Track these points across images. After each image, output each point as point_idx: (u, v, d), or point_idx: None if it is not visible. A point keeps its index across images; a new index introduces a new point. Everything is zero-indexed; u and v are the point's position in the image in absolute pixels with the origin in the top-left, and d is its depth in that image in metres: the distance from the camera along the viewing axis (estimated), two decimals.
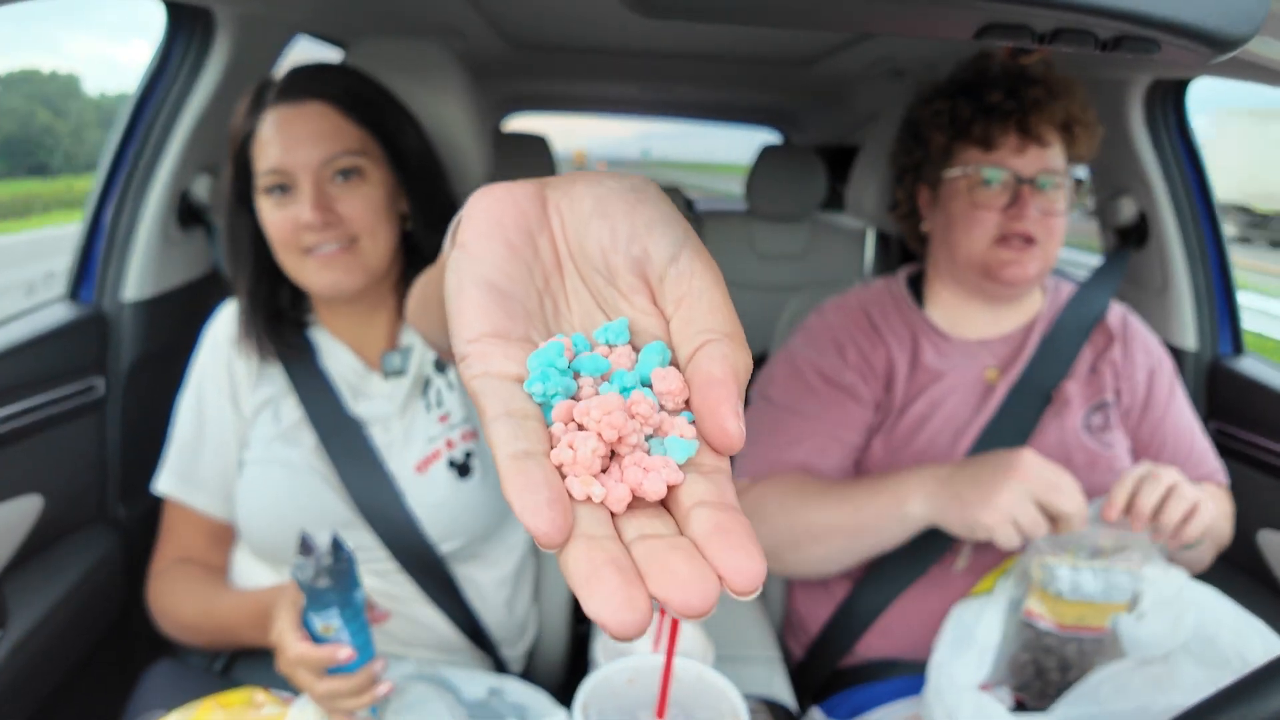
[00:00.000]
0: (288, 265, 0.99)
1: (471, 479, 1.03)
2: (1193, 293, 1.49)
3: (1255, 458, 1.39)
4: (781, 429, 1.12)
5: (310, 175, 0.94)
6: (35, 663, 1.12)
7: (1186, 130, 1.48)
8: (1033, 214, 1.06)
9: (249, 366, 1.05)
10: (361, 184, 0.97)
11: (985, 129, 1.08)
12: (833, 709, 1.12)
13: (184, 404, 1.08)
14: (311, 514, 0.99)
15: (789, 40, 1.99)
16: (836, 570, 1.06)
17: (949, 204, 1.12)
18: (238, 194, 1.00)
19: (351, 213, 0.96)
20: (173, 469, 1.06)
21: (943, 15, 0.63)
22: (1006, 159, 1.07)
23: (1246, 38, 0.50)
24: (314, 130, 0.95)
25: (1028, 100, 1.06)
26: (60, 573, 1.20)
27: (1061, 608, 0.91)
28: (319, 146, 0.95)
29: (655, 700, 0.64)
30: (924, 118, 1.15)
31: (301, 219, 0.93)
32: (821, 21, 0.74)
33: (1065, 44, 0.60)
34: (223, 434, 1.05)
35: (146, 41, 1.32)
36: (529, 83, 2.96)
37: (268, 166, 0.95)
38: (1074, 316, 1.16)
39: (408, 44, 1.19)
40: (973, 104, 1.09)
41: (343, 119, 0.97)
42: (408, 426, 1.04)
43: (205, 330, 1.10)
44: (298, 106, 0.95)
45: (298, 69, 0.99)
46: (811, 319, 1.20)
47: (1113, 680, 0.92)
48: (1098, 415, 1.12)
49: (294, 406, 1.03)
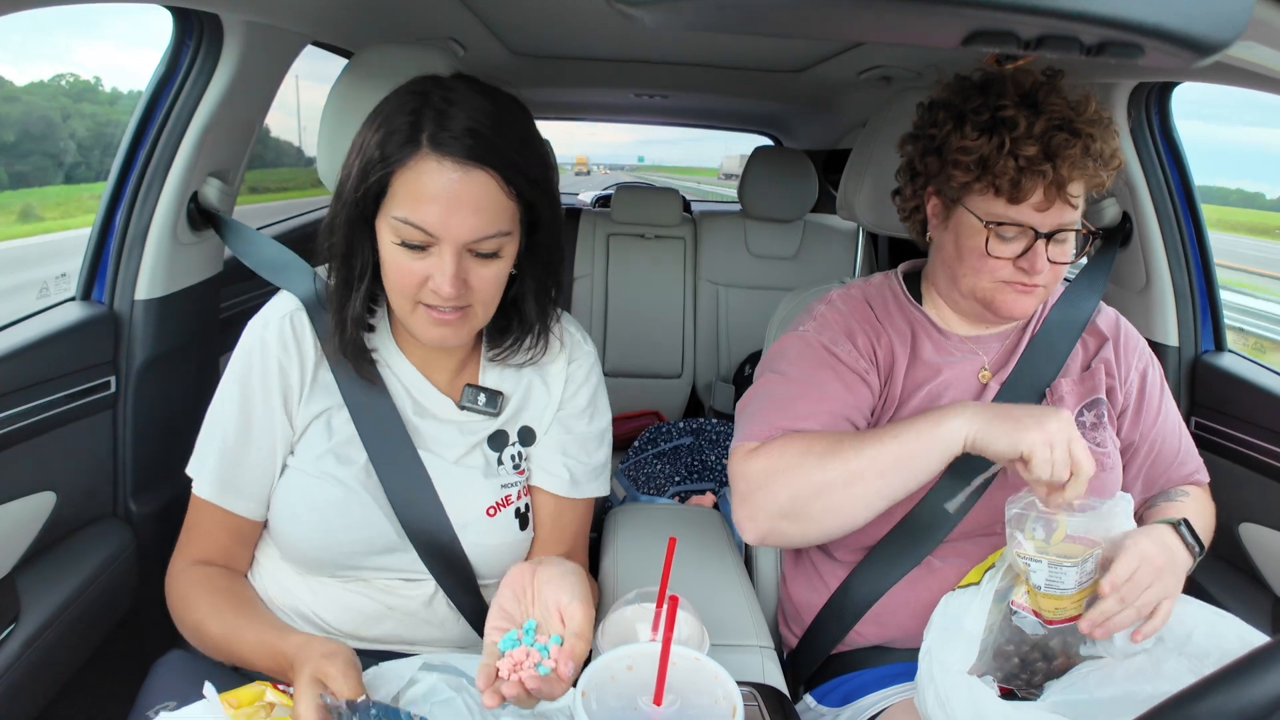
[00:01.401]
0: (398, 307, 0.96)
1: (527, 530, 1.08)
2: (1175, 291, 1.53)
3: (1237, 452, 1.42)
4: (800, 396, 1.10)
5: (456, 249, 0.90)
6: (49, 655, 1.15)
7: (1170, 133, 1.52)
8: (1042, 266, 1.04)
9: (302, 374, 1.02)
10: (497, 261, 0.94)
11: (1015, 184, 1.02)
12: (825, 694, 1.15)
13: (224, 404, 1.01)
14: (359, 534, 0.99)
15: (781, 49, 2.03)
16: (863, 518, 1.01)
17: (960, 235, 1.09)
18: (361, 212, 0.93)
19: (480, 285, 0.94)
20: (214, 475, 1.00)
21: (930, 23, 0.66)
22: (1027, 215, 1.04)
23: (1228, 42, 0.52)
24: (474, 203, 0.89)
25: (1063, 161, 1.00)
26: (73, 568, 1.23)
27: (1041, 600, 0.94)
28: (474, 222, 0.89)
29: (653, 686, 0.67)
30: (950, 146, 1.07)
31: (442, 291, 0.90)
32: (813, 31, 0.77)
33: (1050, 50, 0.63)
34: (271, 440, 1.01)
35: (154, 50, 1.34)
36: (530, 91, 2.99)
37: (414, 220, 0.89)
38: (1063, 315, 1.18)
39: (412, 51, 1.22)
40: (1005, 155, 1.02)
41: (503, 193, 0.91)
42: (476, 466, 1.05)
43: (251, 328, 1.03)
44: (464, 171, 0.88)
45: (476, 129, 0.89)
46: (821, 307, 1.20)
47: (1099, 670, 0.96)
48: (1090, 413, 1.14)
49: (347, 421, 1.01)
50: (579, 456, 1.11)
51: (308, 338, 1.02)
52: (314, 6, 1.38)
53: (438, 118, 0.89)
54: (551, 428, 1.10)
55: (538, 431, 1.10)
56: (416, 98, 0.91)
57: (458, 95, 0.91)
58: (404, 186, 0.89)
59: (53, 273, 1.88)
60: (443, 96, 0.90)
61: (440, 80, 0.94)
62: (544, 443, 1.10)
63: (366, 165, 0.90)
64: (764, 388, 1.14)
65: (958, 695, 0.89)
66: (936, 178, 1.11)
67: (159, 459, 1.40)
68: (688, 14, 0.69)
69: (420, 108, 0.90)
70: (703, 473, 2.24)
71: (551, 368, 1.10)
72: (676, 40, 2.00)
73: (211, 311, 1.54)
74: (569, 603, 0.81)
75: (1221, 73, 1.15)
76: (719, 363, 2.80)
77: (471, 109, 0.90)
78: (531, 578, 0.85)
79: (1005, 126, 1.02)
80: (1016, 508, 0.95)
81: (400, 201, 0.90)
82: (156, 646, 1.09)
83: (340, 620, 1.02)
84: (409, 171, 0.89)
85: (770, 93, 2.82)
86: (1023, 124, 1.01)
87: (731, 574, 1.19)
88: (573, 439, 1.10)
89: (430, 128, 0.88)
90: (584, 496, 1.12)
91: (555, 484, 1.09)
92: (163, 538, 1.37)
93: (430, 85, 0.93)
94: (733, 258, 2.80)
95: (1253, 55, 0.72)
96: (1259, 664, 0.53)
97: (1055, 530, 0.93)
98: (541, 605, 0.83)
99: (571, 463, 1.10)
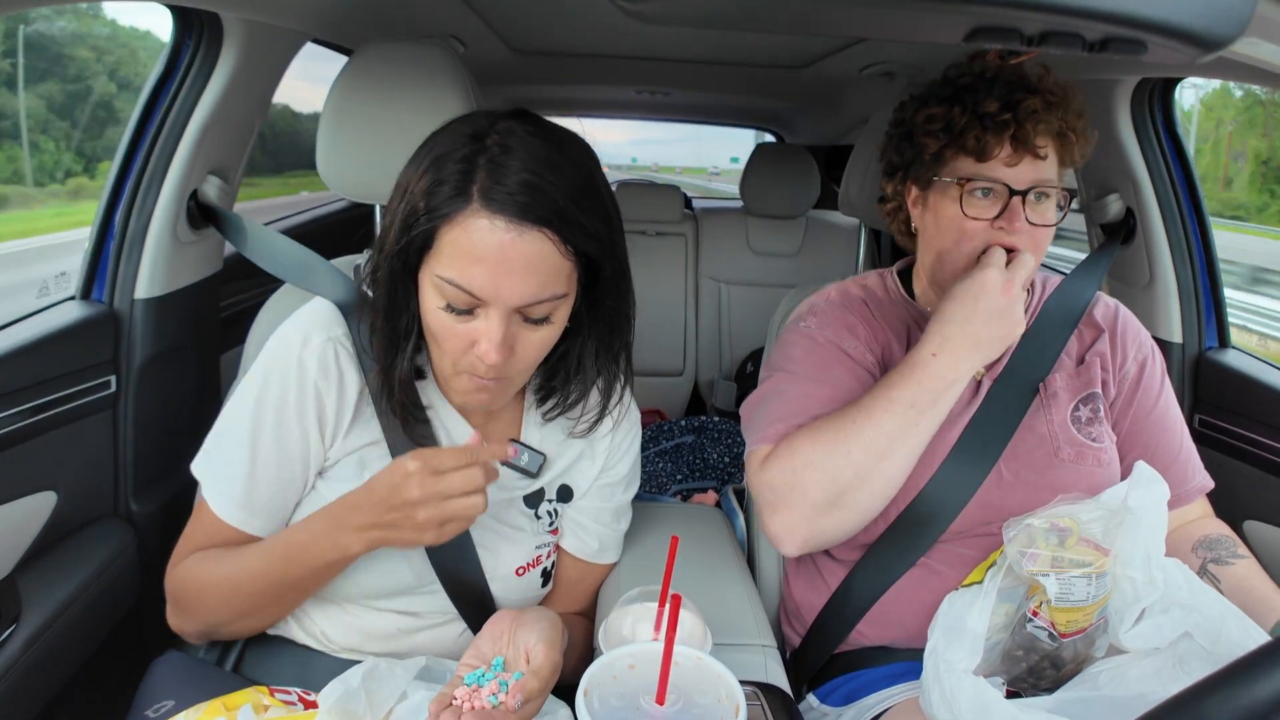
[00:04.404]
0: (438, 366, 0.92)
1: (548, 586, 1.08)
2: (1179, 287, 1.52)
3: (1241, 449, 1.42)
4: (811, 396, 1.10)
5: (504, 315, 0.83)
6: (49, 655, 1.15)
7: (1174, 128, 1.52)
8: (1021, 226, 1.05)
9: (341, 405, 0.94)
10: (547, 326, 0.87)
11: (979, 139, 1.06)
12: (828, 694, 1.14)
13: (251, 422, 0.92)
14: (388, 573, 0.96)
15: (782, 45, 2.02)
16: (901, 482, 1.04)
17: (938, 209, 1.11)
18: (404, 264, 0.86)
19: (524, 351, 0.87)
20: (237, 500, 0.93)
21: (933, 19, 0.66)
22: (999, 171, 1.06)
23: (1232, 38, 0.51)
24: (526, 265, 0.81)
25: (1023, 111, 1.04)
26: (74, 567, 1.23)
27: (1055, 614, 0.93)
28: (526, 286, 0.82)
29: (656, 685, 0.66)
30: (918, 122, 1.12)
31: (488, 358, 0.83)
32: (814, 27, 0.77)
33: (1054, 46, 0.63)
34: (305, 470, 0.95)
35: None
36: (530, 88, 2.99)
37: (460, 283, 0.81)
38: (1058, 307, 1.18)
39: (412, 47, 1.22)
40: (968, 114, 1.07)
41: (559, 253, 0.82)
42: (511, 522, 1.03)
43: (286, 343, 0.94)
44: (518, 231, 0.79)
45: (533, 183, 0.80)
46: (821, 304, 1.21)
47: (1111, 670, 0.95)
48: (1085, 408, 1.13)
49: (384, 458, 0.95)
50: (611, 525, 1.11)
51: (352, 372, 0.95)
52: (313, 5, 1.37)
53: (492, 168, 0.80)
54: (590, 494, 1.08)
55: (576, 492, 1.08)
56: (471, 142, 0.82)
57: (515, 140, 0.82)
58: (451, 244, 0.81)
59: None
60: (499, 143, 0.82)
61: (497, 119, 0.85)
62: (580, 507, 1.08)
63: (410, 216, 0.82)
64: (774, 385, 1.14)
65: (964, 694, 0.89)
66: (912, 164, 1.14)
67: (160, 458, 1.40)
68: (689, 10, 0.69)
69: (474, 155, 0.81)
70: (705, 471, 2.24)
71: (601, 435, 1.08)
72: (677, 37, 1.99)
73: (212, 310, 1.54)
74: (534, 644, 0.82)
75: (1224, 68, 1.14)
76: (721, 360, 2.80)
77: (528, 158, 0.81)
78: (510, 623, 0.86)
79: (965, 92, 1.09)
80: (1014, 529, 0.94)
81: (446, 260, 0.81)
82: (158, 645, 1.08)
83: (345, 638, 0.99)
84: (456, 228, 0.80)
85: (772, 89, 2.82)
86: (982, 88, 1.08)
87: (734, 573, 1.19)
88: (608, 509, 1.10)
89: (483, 180, 0.80)
90: (606, 563, 1.12)
91: (583, 550, 1.09)
92: (164, 536, 1.37)
93: (486, 126, 0.84)
94: (734, 255, 2.80)
95: (1256, 51, 0.72)
96: (1261, 663, 0.53)
97: (1069, 535, 0.92)
98: (513, 646, 0.84)
99: (603, 531, 1.10)
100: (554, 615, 0.89)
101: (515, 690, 0.78)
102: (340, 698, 0.79)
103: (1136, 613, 0.94)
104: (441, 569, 0.98)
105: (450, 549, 0.97)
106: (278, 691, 0.87)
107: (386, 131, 1.21)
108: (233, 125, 1.40)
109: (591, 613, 1.15)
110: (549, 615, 0.88)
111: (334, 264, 1.14)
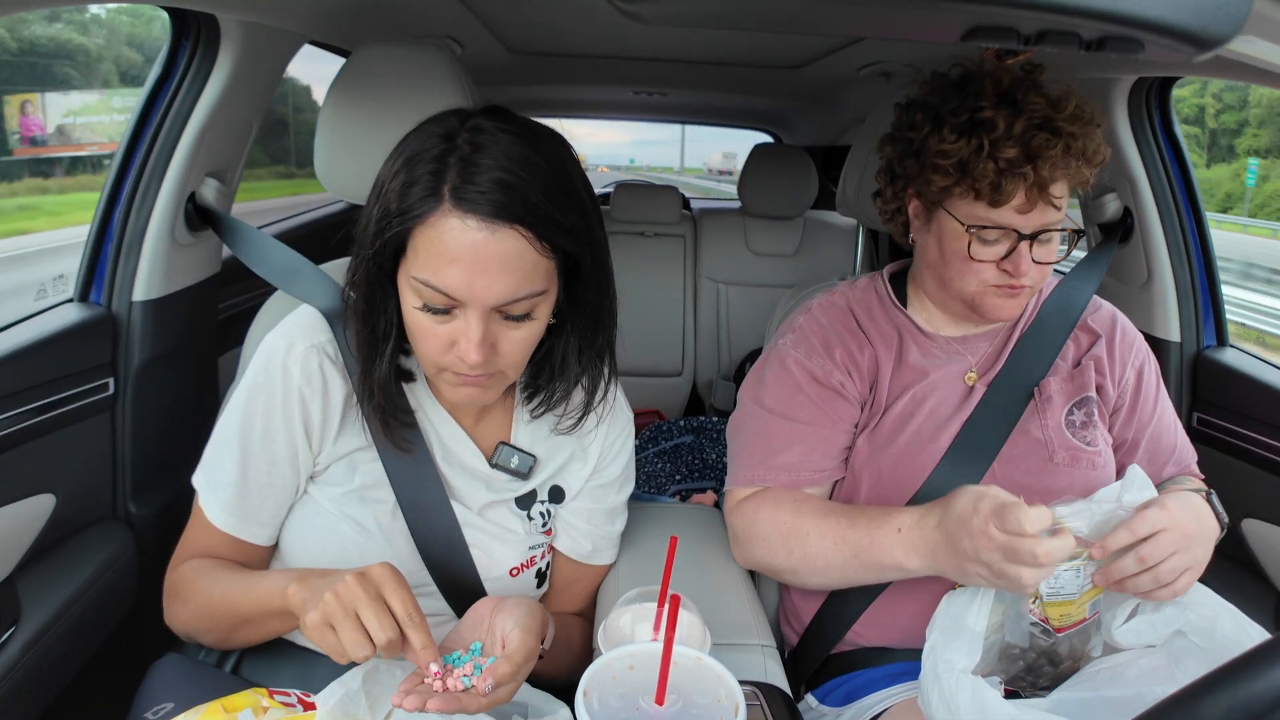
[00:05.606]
0: (424, 366, 0.91)
1: (543, 587, 1.08)
2: (1177, 286, 1.52)
3: (1239, 448, 1.42)
4: (774, 435, 1.14)
5: (482, 314, 0.82)
6: (49, 658, 1.15)
7: (1171, 127, 1.52)
8: (1026, 268, 1.03)
9: (327, 411, 0.95)
10: (529, 323, 0.87)
11: (995, 186, 1.00)
12: (827, 694, 1.14)
13: (240, 430, 0.94)
14: None
15: (780, 45, 2.02)
16: (842, 586, 1.11)
17: (942, 237, 1.08)
18: (380, 267, 0.86)
19: (509, 349, 0.87)
20: (229, 505, 0.95)
21: (931, 18, 0.66)
22: (1009, 217, 1.02)
23: (1229, 37, 0.52)
24: (502, 264, 0.80)
25: (1044, 162, 0.98)
26: (73, 570, 1.22)
27: (1048, 609, 0.93)
28: (503, 285, 0.81)
29: (655, 686, 0.66)
30: (929, 148, 1.05)
31: (468, 358, 0.83)
32: (812, 26, 0.76)
33: (1051, 45, 0.63)
34: (295, 478, 0.96)
35: None
36: (528, 88, 3.00)
37: (435, 284, 0.81)
38: (1055, 310, 1.18)
39: (410, 48, 1.21)
40: (984, 158, 0.99)
41: (535, 250, 0.81)
42: (504, 523, 1.03)
43: (272, 350, 0.95)
44: (492, 230, 0.79)
45: (505, 180, 0.79)
46: (801, 319, 1.20)
47: (1108, 670, 0.95)
48: (1080, 411, 1.13)
49: (374, 462, 0.96)
50: (604, 527, 1.10)
51: (336, 378, 0.95)
52: (311, 6, 1.37)
53: (463, 167, 0.79)
54: (582, 495, 1.08)
55: (568, 493, 1.08)
56: (442, 141, 0.82)
57: (486, 138, 0.81)
58: (425, 245, 0.81)
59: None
60: (470, 141, 0.81)
61: (468, 117, 0.84)
62: (572, 508, 1.08)
63: (384, 218, 0.82)
64: (745, 420, 1.19)
65: (962, 694, 0.89)
66: (916, 180, 1.10)
67: (158, 460, 1.39)
68: (686, 10, 0.69)
69: (445, 154, 0.80)
70: (704, 471, 2.24)
71: (589, 434, 1.07)
72: (675, 37, 2.00)
73: (210, 312, 1.53)
74: (511, 629, 0.82)
75: (1222, 67, 1.14)
76: (720, 360, 2.80)
77: (501, 154, 0.80)
78: (490, 609, 0.87)
79: (984, 128, 1.00)
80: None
81: (421, 261, 0.81)
82: (157, 647, 1.08)
83: None
84: (430, 229, 0.80)
85: (769, 89, 2.82)
86: (1001, 125, 0.99)
87: (733, 573, 1.18)
88: (601, 510, 1.10)
89: (454, 179, 0.79)
90: (601, 564, 1.12)
91: (577, 552, 1.09)
92: (162, 539, 1.37)
93: (457, 125, 0.83)
94: (733, 255, 2.80)
95: (1253, 50, 0.72)
96: (1261, 661, 0.53)
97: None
98: (490, 632, 0.84)
99: (596, 533, 1.09)
100: (536, 604, 0.89)
101: (487, 674, 0.78)
102: (340, 700, 0.79)
103: (1128, 609, 0.95)
104: (436, 571, 0.98)
105: (444, 550, 0.98)
106: (277, 693, 0.87)
107: (384, 133, 1.19)
108: (231, 127, 1.40)
109: (590, 613, 1.14)
110: (529, 603, 0.88)
111: (327, 266, 1.14)
